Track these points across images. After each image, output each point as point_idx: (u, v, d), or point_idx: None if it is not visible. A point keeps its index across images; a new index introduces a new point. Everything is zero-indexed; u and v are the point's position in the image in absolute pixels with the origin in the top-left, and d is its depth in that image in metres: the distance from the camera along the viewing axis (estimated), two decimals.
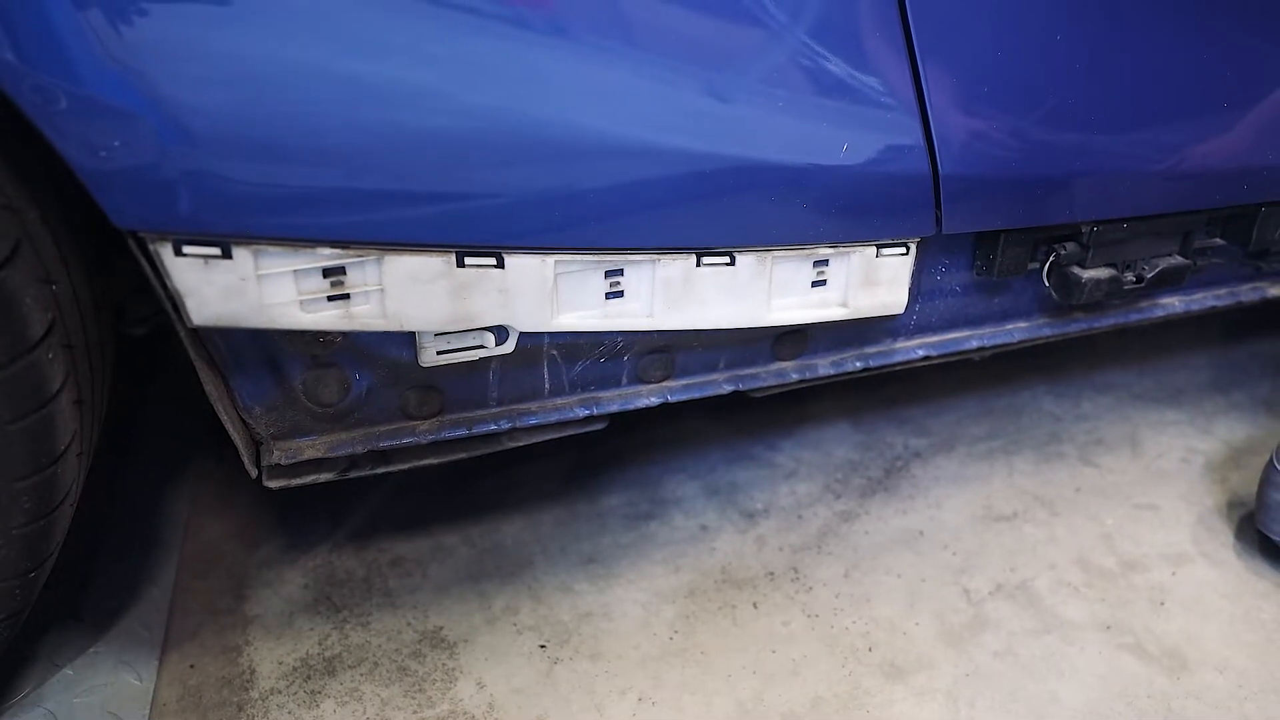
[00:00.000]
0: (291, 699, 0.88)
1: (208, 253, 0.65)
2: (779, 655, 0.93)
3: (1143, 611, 0.99)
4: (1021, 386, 1.42)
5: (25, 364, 0.64)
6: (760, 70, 0.76)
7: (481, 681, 0.90)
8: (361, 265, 0.71)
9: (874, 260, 0.89)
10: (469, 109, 0.68)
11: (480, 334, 0.81)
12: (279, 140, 0.63)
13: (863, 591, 1.01)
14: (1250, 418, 1.33)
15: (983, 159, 0.87)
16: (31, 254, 0.64)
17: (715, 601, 1.00)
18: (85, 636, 0.93)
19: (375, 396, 0.83)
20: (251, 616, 0.97)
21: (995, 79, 0.85)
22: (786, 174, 0.79)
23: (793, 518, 1.12)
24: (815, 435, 1.29)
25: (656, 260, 0.81)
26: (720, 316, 0.86)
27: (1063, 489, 1.18)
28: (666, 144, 0.74)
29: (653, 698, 0.88)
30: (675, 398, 0.94)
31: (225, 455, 1.18)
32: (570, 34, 0.70)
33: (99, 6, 0.56)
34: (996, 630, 0.96)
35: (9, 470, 0.68)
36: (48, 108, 0.57)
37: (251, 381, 0.78)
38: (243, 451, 0.81)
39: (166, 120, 0.60)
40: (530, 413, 0.89)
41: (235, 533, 1.09)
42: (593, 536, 1.09)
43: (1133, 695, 0.89)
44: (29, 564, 0.75)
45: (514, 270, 0.75)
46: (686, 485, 1.18)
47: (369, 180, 0.67)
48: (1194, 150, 0.97)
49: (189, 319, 0.68)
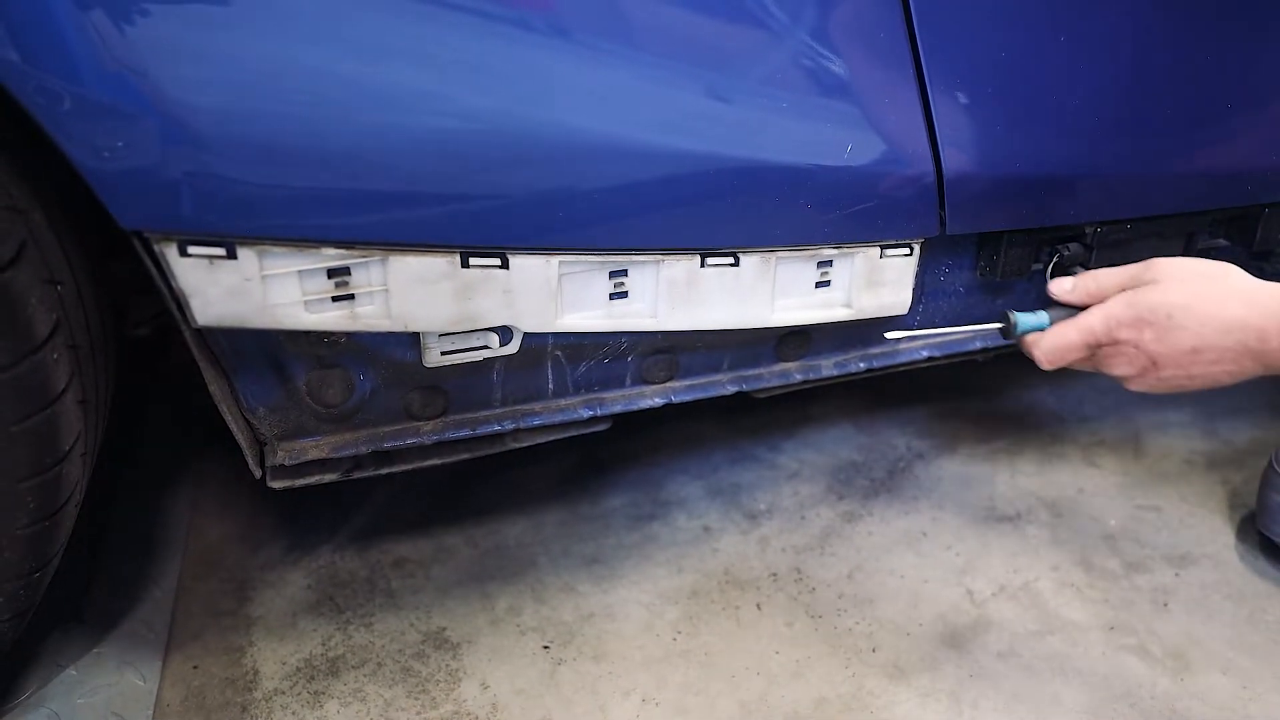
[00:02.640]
0: (295, 699, 0.88)
1: (212, 253, 0.65)
2: (782, 656, 0.93)
3: (1146, 613, 0.99)
4: (1024, 388, 1.42)
5: (30, 364, 0.64)
6: (764, 71, 0.76)
7: (485, 682, 0.90)
8: (366, 266, 0.71)
9: (878, 261, 0.89)
10: (473, 110, 0.68)
11: (484, 335, 0.81)
12: (283, 141, 0.63)
13: (866, 592, 1.01)
14: (1252, 419, 1.33)
15: (986, 159, 0.87)
16: (36, 255, 0.64)
17: (718, 602, 1.00)
18: (88, 637, 0.93)
19: (379, 397, 0.83)
20: (255, 617, 0.97)
21: (999, 79, 0.85)
22: (790, 175, 0.79)
23: (796, 519, 1.12)
24: (818, 436, 1.29)
25: (661, 261, 0.81)
26: (724, 317, 0.86)
27: (1065, 490, 1.18)
28: (671, 145, 0.74)
29: (656, 698, 0.88)
30: (679, 398, 0.94)
31: (229, 456, 1.18)
32: (574, 36, 0.70)
33: (103, 7, 0.56)
34: (999, 631, 0.96)
35: (13, 470, 0.68)
36: (52, 108, 0.57)
37: (255, 382, 0.78)
38: (247, 452, 0.81)
39: (171, 121, 0.60)
40: (534, 413, 0.89)
41: (238, 534, 1.09)
42: (596, 537, 1.09)
43: (1136, 696, 0.88)
44: (33, 564, 0.75)
45: (518, 271, 0.75)
46: (689, 486, 1.18)
47: (374, 181, 0.67)
48: (1198, 151, 0.97)
49: (193, 319, 0.68)
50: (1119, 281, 0.81)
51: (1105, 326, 0.79)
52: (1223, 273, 0.77)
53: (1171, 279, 0.77)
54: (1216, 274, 0.77)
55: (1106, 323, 0.79)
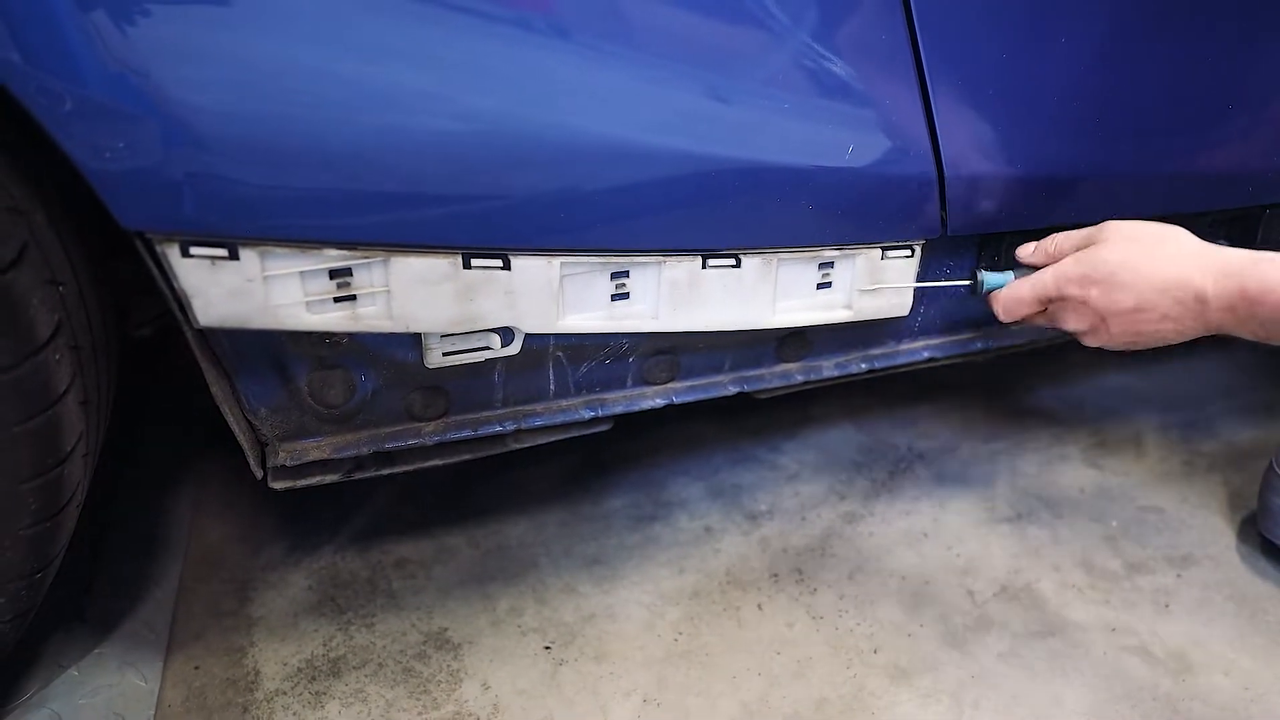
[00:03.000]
0: (296, 700, 0.88)
1: (215, 254, 0.65)
2: (783, 657, 0.93)
3: (1147, 614, 0.99)
4: (1025, 389, 1.42)
5: (32, 365, 0.64)
6: (766, 72, 0.76)
7: (486, 683, 0.90)
8: (368, 266, 0.71)
9: (879, 262, 0.89)
10: (475, 111, 0.68)
11: (486, 335, 0.81)
12: (285, 141, 0.63)
13: (867, 593, 1.01)
14: (1254, 420, 1.33)
15: (988, 160, 0.87)
16: (38, 256, 0.64)
17: (719, 603, 1.00)
18: (90, 638, 0.93)
19: (381, 398, 0.83)
20: (256, 618, 0.97)
21: (1000, 80, 0.85)
22: (792, 176, 0.79)
23: (797, 519, 1.12)
24: (819, 437, 1.29)
25: (662, 262, 0.81)
26: (725, 319, 0.86)
27: (1066, 491, 1.18)
28: (672, 146, 0.74)
29: (657, 699, 0.88)
30: (680, 399, 0.94)
31: (230, 457, 1.18)
32: (575, 37, 0.70)
33: (104, 7, 0.56)
34: (1001, 632, 0.96)
35: (16, 471, 0.68)
36: (54, 109, 0.57)
37: (257, 383, 0.78)
38: (248, 453, 0.81)
39: (173, 121, 0.60)
40: (535, 414, 0.89)
41: (239, 534, 1.09)
42: (597, 538, 1.09)
43: (1137, 698, 0.88)
44: (35, 565, 0.75)
45: (520, 272, 0.75)
46: (690, 487, 1.18)
47: (375, 182, 0.67)
48: (1198, 152, 0.97)
49: (195, 320, 0.68)
50: (1075, 242, 0.85)
51: (1055, 282, 0.83)
52: (1171, 235, 0.80)
53: (1119, 238, 0.81)
54: (1165, 236, 0.80)
55: (1056, 279, 0.83)
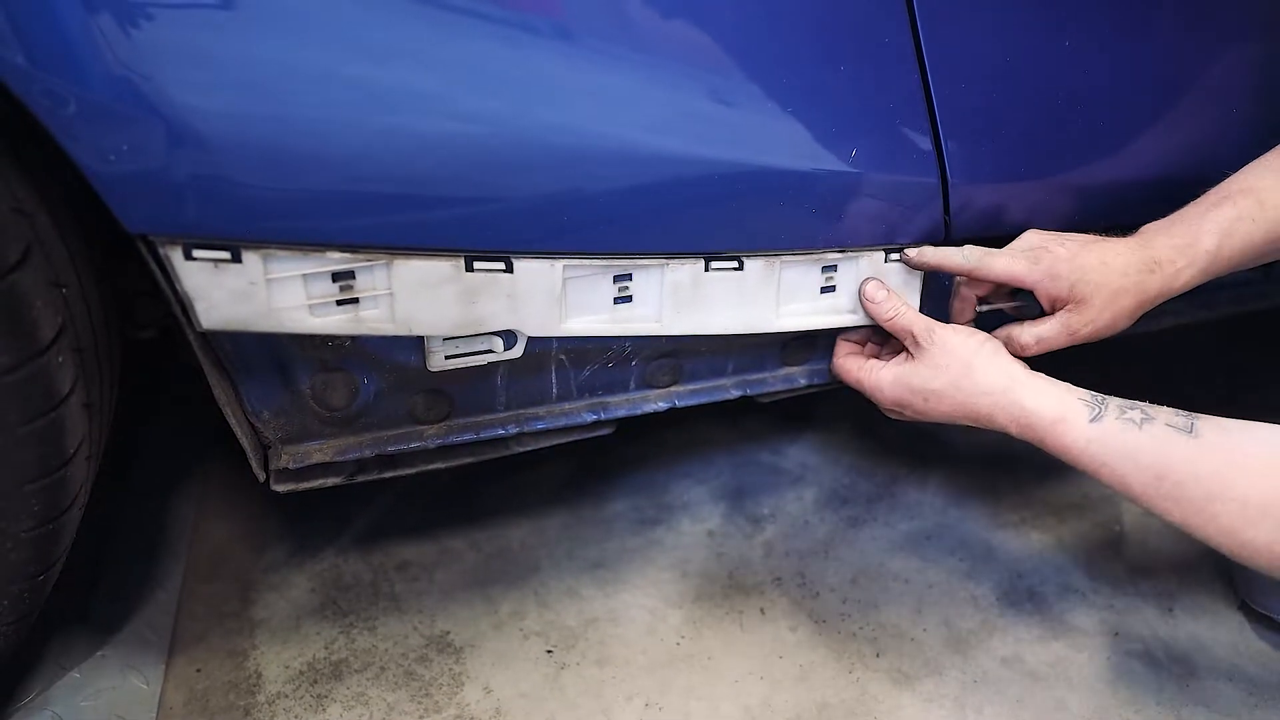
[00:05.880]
0: (298, 703, 0.88)
1: (218, 256, 0.65)
2: (786, 661, 0.93)
3: (1151, 618, 0.98)
4: None
5: (36, 367, 0.64)
6: (769, 75, 0.76)
7: (488, 686, 0.90)
8: (370, 269, 0.71)
9: (883, 266, 0.89)
10: (478, 113, 0.68)
11: (488, 339, 0.81)
12: (288, 144, 0.63)
13: (870, 597, 1.01)
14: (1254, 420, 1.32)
15: (991, 163, 0.87)
16: (42, 257, 0.64)
17: (722, 607, 0.99)
18: (92, 640, 0.93)
19: (383, 401, 0.83)
20: (258, 621, 0.97)
21: (1004, 84, 0.85)
22: (795, 179, 0.79)
23: (799, 523, 1.12)
24: (822, 441, 1.29)
25: (665, 265, 0.81)
26: (728, 322, 0.86)
27: (1070, 495, 1.18)
28: (676, 149, 0.74)
29: (660, 703, 0.88)
30: (683, 403, 0.94)
31: (232, 459, 1.18)
32: (578, 39, 0.70)
33: (109, 10, 0.56)
34: (1004, 636, 0.96)
35: (19, 473, 0.68)
36: (58, 111, 0.57)
37: (260, 386, 0.78)
38: (251, 455, 0.81)
39: (176, 124, 0.60)
40: (538, 417, 0.89)
41: (242, 537, 1.09)
42: (599, 542, 1.09)
43: (1141, 703, 0.88)
44: (38, 567, 0.75)
45: (523, 275, 0.75)
46: (693, 491, 1.18)
47: (378, 184, 0.67)
48: (1200, 155, 0.97)
49: (198, 323, 0.68)
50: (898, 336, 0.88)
51: (875, 395, 0.89)
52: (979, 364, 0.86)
53: (932, 363, 0.85)
54: (972, 364, 0.86)
55: (877, 394, 0.89)
